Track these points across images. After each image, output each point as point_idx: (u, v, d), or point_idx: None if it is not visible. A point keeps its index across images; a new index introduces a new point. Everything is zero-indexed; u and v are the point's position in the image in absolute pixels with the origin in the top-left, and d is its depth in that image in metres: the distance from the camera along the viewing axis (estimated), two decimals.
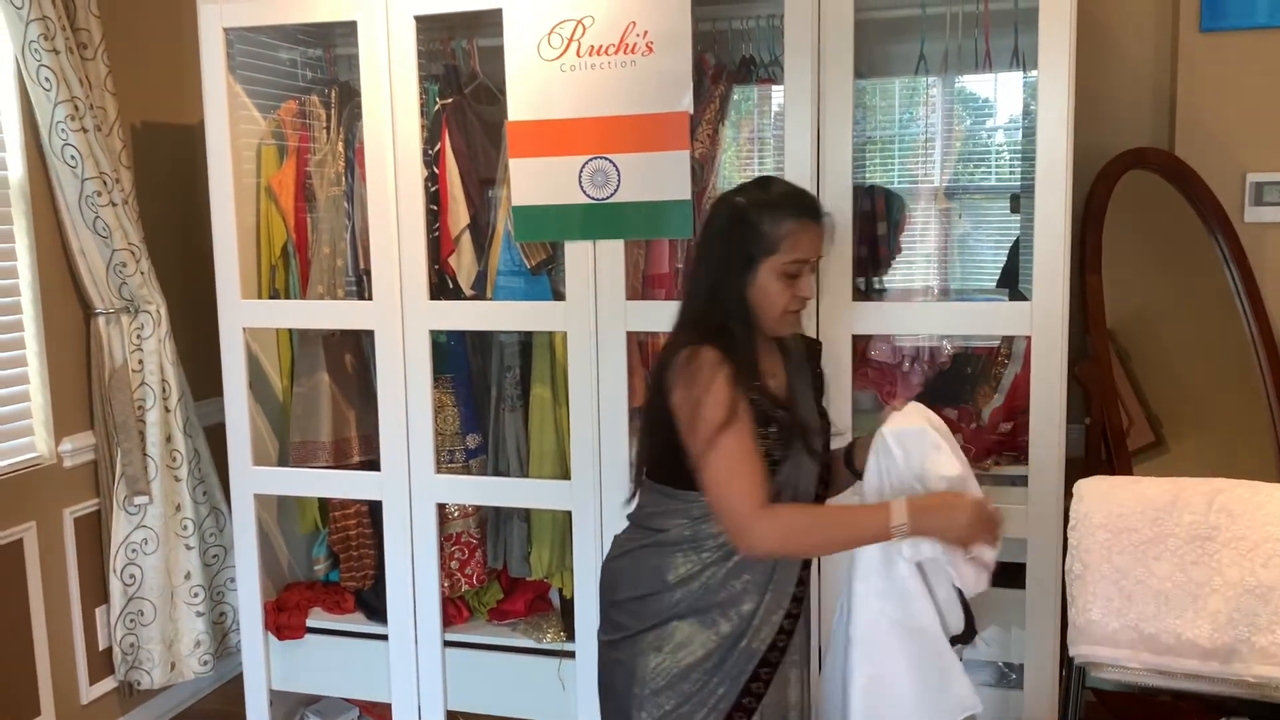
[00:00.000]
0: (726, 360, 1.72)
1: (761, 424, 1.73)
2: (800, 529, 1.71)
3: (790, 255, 1.75)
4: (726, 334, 1.75)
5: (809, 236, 1.77)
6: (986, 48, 2.60)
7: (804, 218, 1.77)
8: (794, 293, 1.77)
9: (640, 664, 1.82)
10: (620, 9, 2.42)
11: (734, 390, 1.70)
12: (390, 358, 2.71)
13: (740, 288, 1.77)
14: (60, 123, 2.75)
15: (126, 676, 3.08)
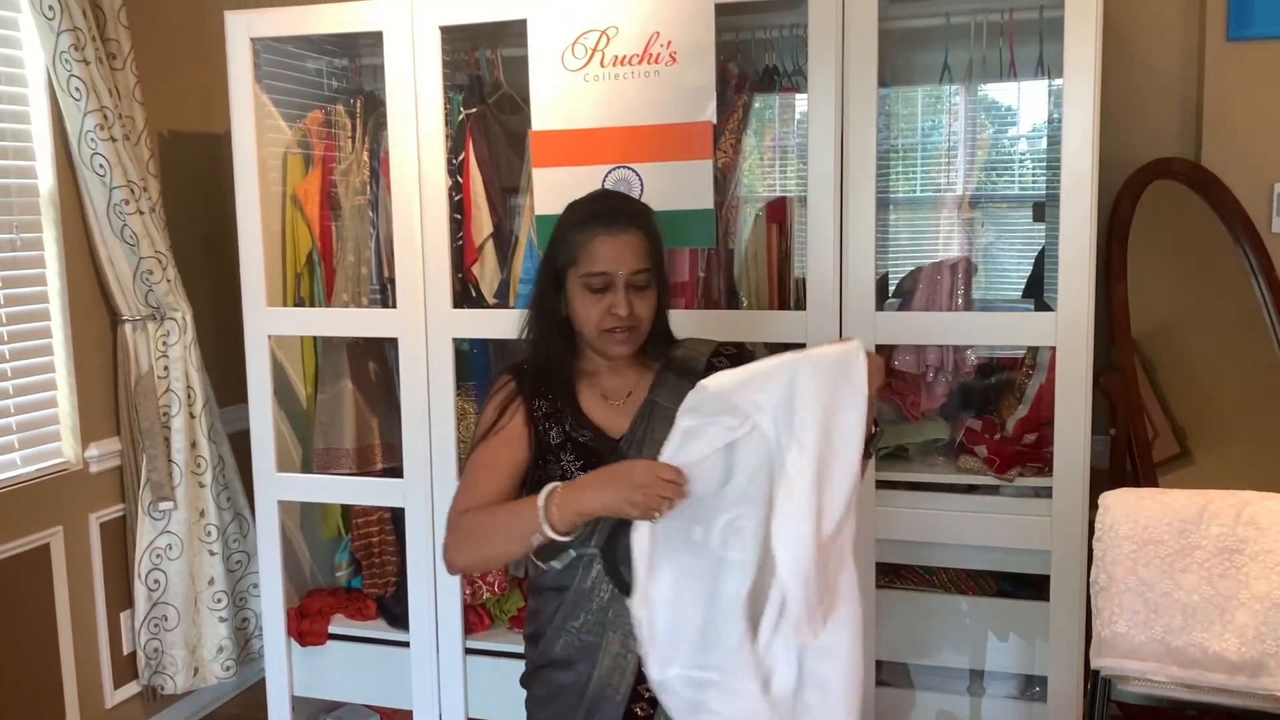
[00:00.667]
0: (515, 381, 1.73)
1: (558, 448, 1.67)
2: (470, 532, 1.61)
3: (587, 267, 1.66)
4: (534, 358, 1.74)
5: (609, 248, 1.65)
6: (1011, 57, 2.60)
7: (602, 228, 1.66)
8: (605, 308, 1.66)
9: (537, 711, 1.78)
10: (644, 20, 2.43)
11: (502, 410, 1.71)
12: (413, 365, 2.72)
13: (558, 303, 1.72)
14: (89, 132, 2.78)
15: (150, 681, 3.10)
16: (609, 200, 1.77)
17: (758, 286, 2.67)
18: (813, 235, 2.41)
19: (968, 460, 2.50)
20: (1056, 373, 2.30)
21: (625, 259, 1.66)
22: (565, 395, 1.73)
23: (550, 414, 1.71)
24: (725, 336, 2.42)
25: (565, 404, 1.72)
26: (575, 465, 1.67)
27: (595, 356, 1.75)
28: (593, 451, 1.68)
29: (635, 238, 1.68)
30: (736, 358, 1.78)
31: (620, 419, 1.72)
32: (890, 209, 2.87)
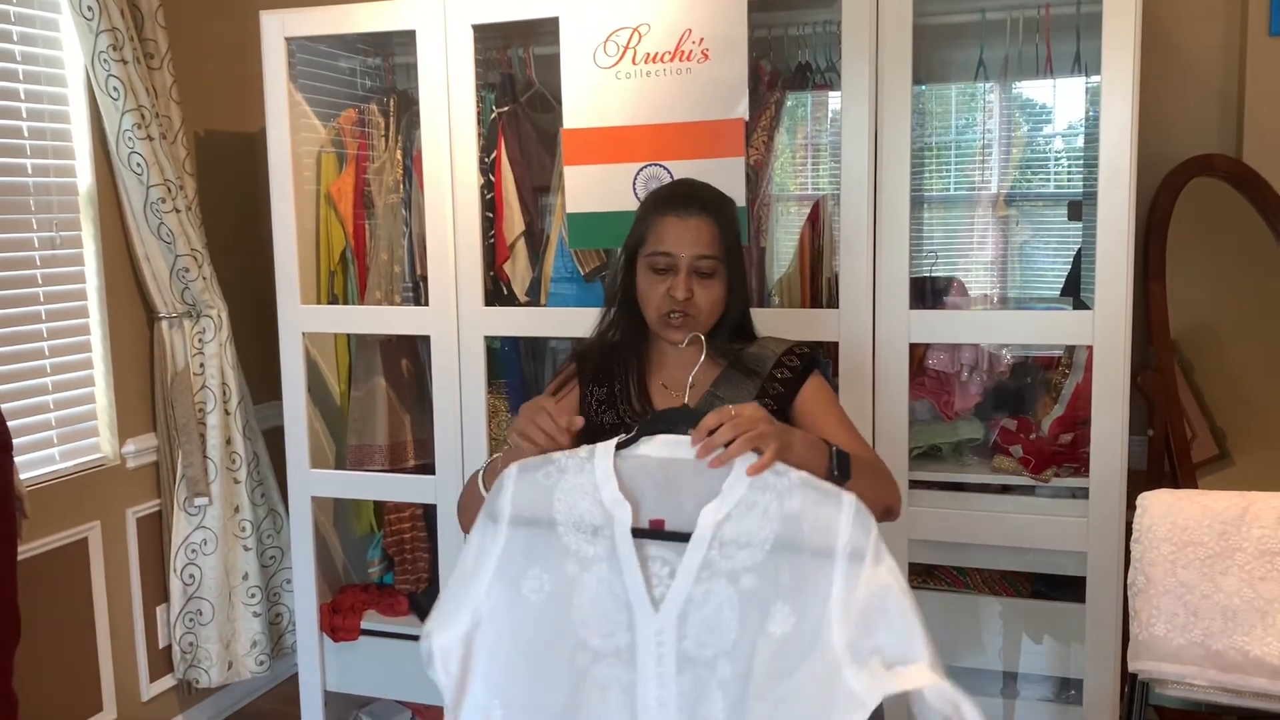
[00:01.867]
0: (578, 366, 1.79)
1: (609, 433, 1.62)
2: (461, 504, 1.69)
3: (652, 246, 1.68)
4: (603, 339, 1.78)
5: (674, 229, 1.66)
6: (1048, 53, 2.57)
7: (669, 209, 1.68)
8: (665, 290, 1.66)
9: None
10: (676, 17, 2.42)
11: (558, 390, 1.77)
12: (446, 363, 2.73)
13: (631, 287, 1.74)
14: (127, 131, 2.81)
15: (185, 675, 3.13)
16: (685, 185, 1.77)
17: (790, 284, 2.66)
18: (846, 234, 2.40)
19: (1002, 460, 2.47)
20: (1094, 372, 2.28)
21: (689, 242, 1.65)
22: (625, 380, 1.74)
23: (607, 400, 1.73)
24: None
25: (623, 389, 1.72)
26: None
27: (666, 345, 1.74)
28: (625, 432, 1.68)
29: (704, 223, 1.67)
30: (807, 357, 1.77)
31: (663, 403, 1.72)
32: (924, 207, 2.85)
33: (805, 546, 1.26)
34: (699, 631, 1.27)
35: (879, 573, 1.24)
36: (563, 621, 1.31)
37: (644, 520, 1.32)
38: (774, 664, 1.25)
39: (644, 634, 1.28)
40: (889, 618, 1.22)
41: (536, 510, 1.34)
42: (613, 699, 1.29)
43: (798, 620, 1.24)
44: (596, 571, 1.31)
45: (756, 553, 1.27)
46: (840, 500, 1.27)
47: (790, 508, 1.28)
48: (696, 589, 1.28)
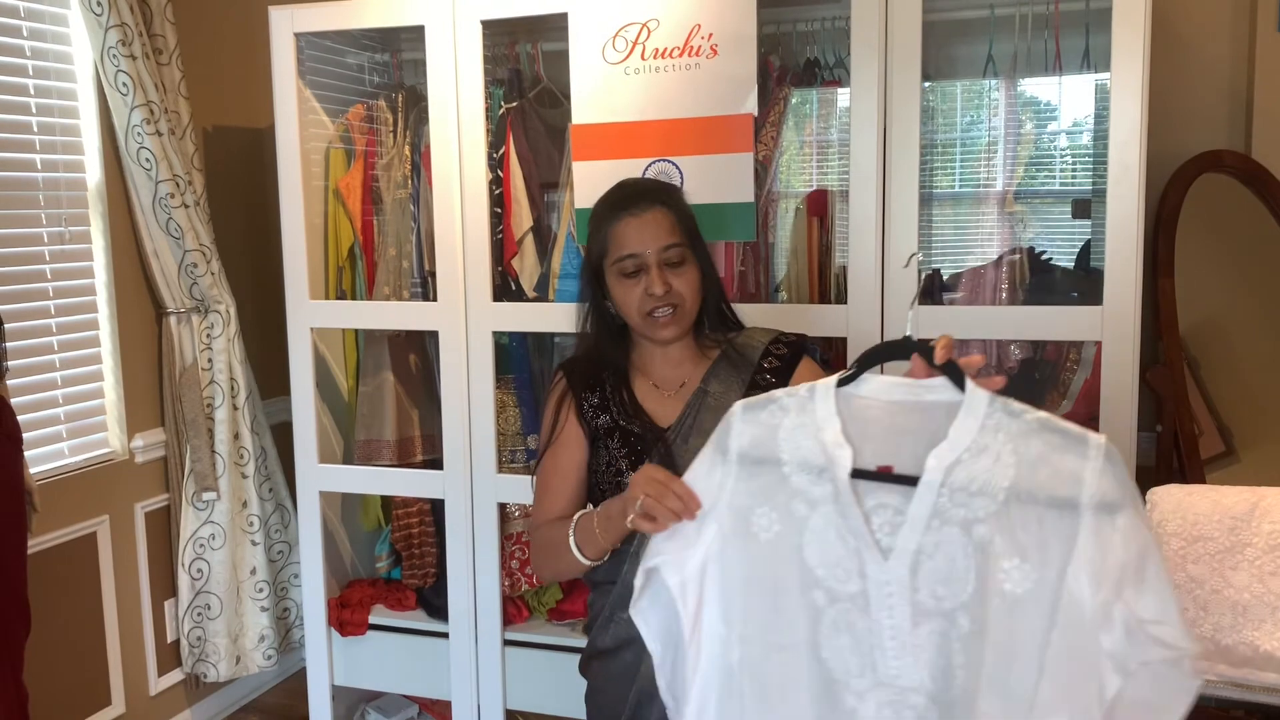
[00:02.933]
0: (565, 378, 1.76)
1: (606, 435, 1.69)
2: (538, 546, 1.69)
3: (617, 252, 1.66)
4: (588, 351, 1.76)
5: (633, 229, 1.65)
6: (1056, 49, 2.57)
7: (621, 211, 1.66)
8: (643, 291, 1.64)
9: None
10: (685, 12, 2.43)
11: (557, 413, 1.74)
12: (454, 358, 2.74)
13: (603, 298, 1.73)
14: (136, 126, 2.82)
15: (193, 669, 3.14)
16: (629, 185, 1.75)
17: (798, 280, 2.66)
18: (854, 229, 2.40)
19: None
20: (1103, 367, 2.27)
21: (651, 236, 1.65)
22: (616, 385, 1.73)
23: (600, 404, 1.73)
24: None
25: (615, 393, 1.73)
26: (621, 452, 1.68)
27: (650, 347, 1.74)
28: (639, 439, 1.68)
29: (659, 214, 1.66)
30: (795, 345, 1.76)
31: (671, 408, 1.71)
32: (932, 204, 2.85)
33: (1044, 497, 1.15)
34: (932, 583, 1.20)
35: (1136, 528, 1.12)
36: (796, 560, 1.27)
37: (867, 464, 1.24)
38: (1012, 625, 1.16)
39: (874, 582, 1.22)
40: (1147, 579, 1.12)
41: (763, 449, 1.30)
42: (850, 641, 1.25)
43: (1038, 579, 1.15)
44: (824, 513, 1.25)
45: (990, 502, 1.17)
46: (1086, 444, 1.15)
47: (1027, 452, 1.17)
48: (927, 538, 1.19)
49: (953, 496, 1.18)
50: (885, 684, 1.23)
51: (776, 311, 2.58)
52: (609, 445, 1.69)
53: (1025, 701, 1.16)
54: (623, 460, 1.67)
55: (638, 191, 1.71)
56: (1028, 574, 1.15)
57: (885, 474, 1.22)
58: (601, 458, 1.70)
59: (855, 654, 1.24)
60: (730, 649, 1.31)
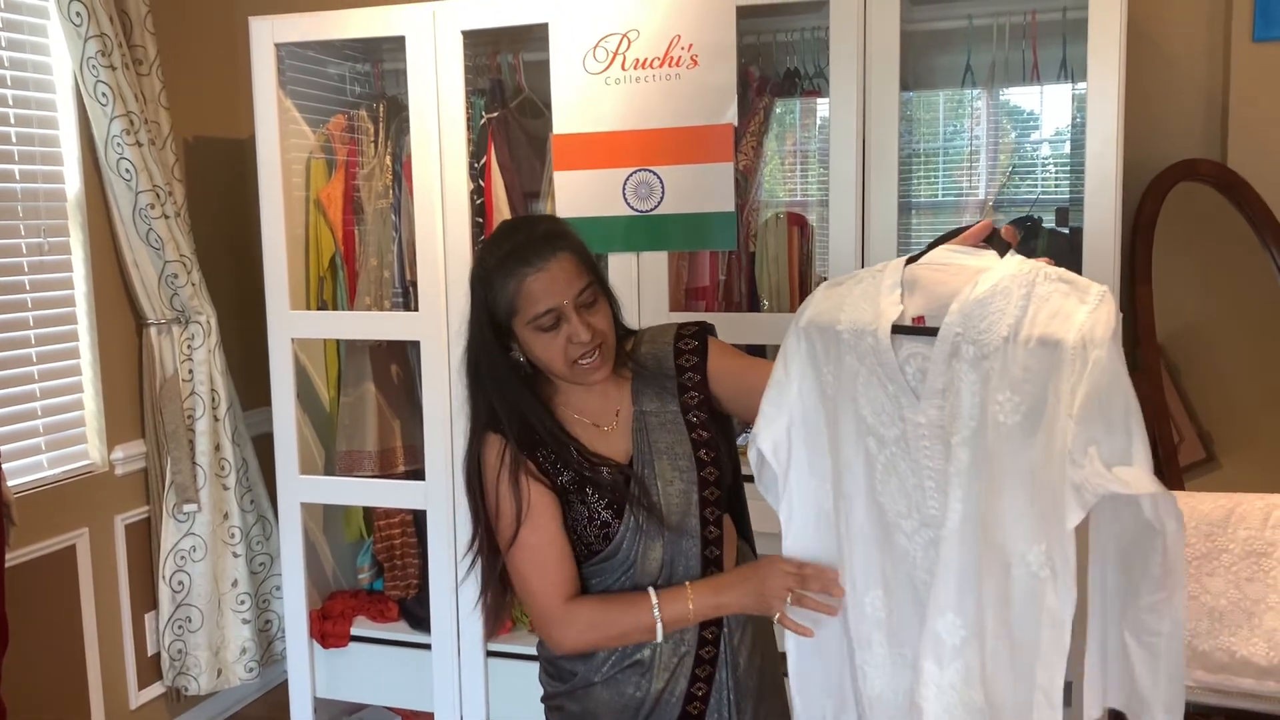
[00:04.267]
0: (505, 444, 1.61)
1: (578, 489, 1.61)
2: (589, 628, 1.59)
3: (531, 310, 1.55)
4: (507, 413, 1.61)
5: (542, 284, 1.54)
6: (1034, 59, 2.59)
7: (527, 266, 1.54)
8: (565, 340, 1.56)
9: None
10: (665, 23, 2.44)
11: (517, 481, 1.60)
12: (436, 368, 2.73)
13: (511, 357, 1.62)
14: (116, 137, 2.81)
15: (174, 682, 3.12)
16: (519, 233, 1.61)
17: (778, 288, 2.67)
18: (834, 239, 2.41)
19: None
20: None
21: (564, 286, 1.55)
22: (559, 439, 1.64)
23: (557, 457, 1.62)
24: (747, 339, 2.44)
25: (562, 446, 1.63)
26: (601, 504, 1.61)
27: (569, 389, 1.67)
28: (612, 486, 1.62)
29: (564, 260, 1.56)
30: (699, 335, 1.73)
31: (620, 441, 1.66)
32: (912, 213, 2.86)
33: (1039, 335, 1.21)
34: (950, 419, 1.29)
35: (1109, 363, 1.16)
36: (852, 411, 1.39)
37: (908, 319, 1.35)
38: (1005, 454, 1.24)
39: (911, 424, 1.33)
40: (1112, 414, 1.16)
41: (828, 316, 1.43)
42: (898, 483, 1.36)
43: (1026, 410, 1.22)
44: (869, 365, 1.36)
45: (995, 339, 1.24)
46: (1088, 291, 1.21)
47: (1036, 297, 1.23)
48: (945, 377, 1.29)
49: (967, 336, 1.27)
50: (928, 524, 1.34)
51: (759, 320, 2.59)
52: (584, 499, 1.61)
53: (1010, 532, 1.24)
54: (605, 511, 1.61)
55: (533, 240, 1.57)
56: (1017, 405, 1.23)
57: (917, 326, 1.34)
58: (580, 514, 1.61)
59: (903, 495, 1.36)
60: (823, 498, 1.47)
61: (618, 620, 1.58)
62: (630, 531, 1.60)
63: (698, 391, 1.67)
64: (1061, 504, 1.18)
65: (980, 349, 1.25)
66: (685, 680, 1.64)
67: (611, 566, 1.63)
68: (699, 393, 1.67)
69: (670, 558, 1.62)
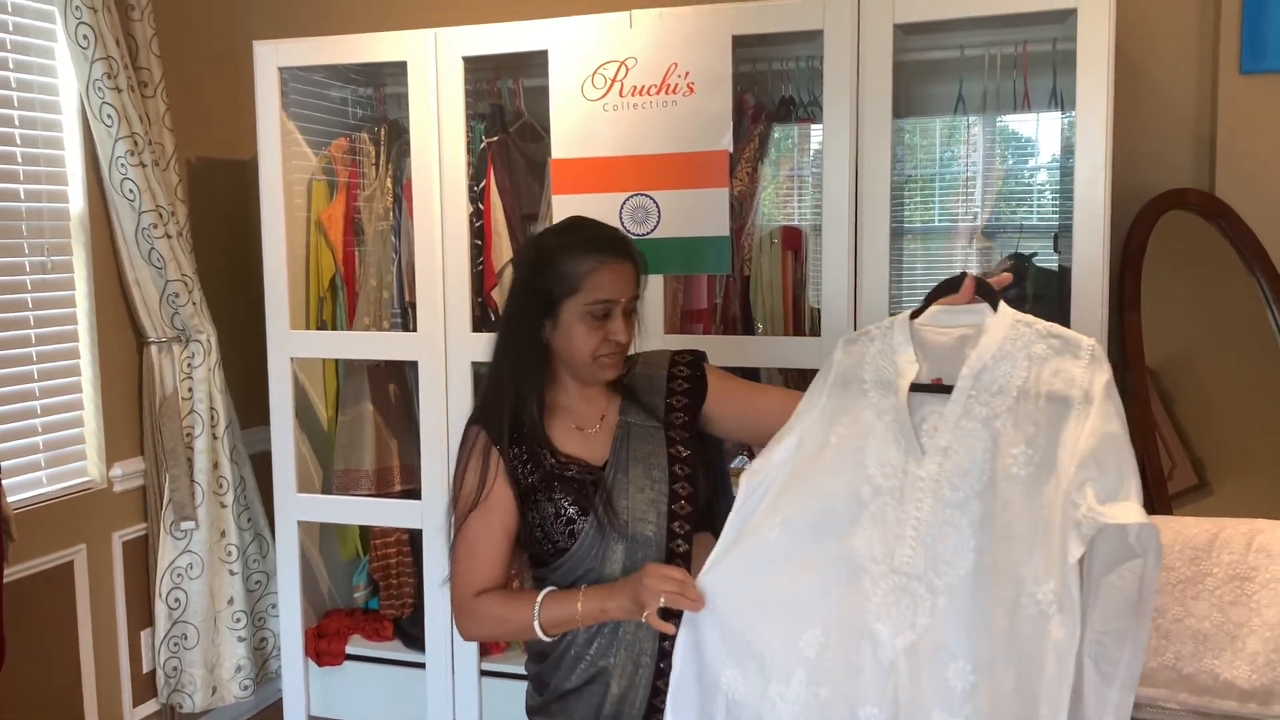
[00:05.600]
0: (485, 434, 1.69)
1: (546, 487, 1.67)
2: (485, 620, 1.68)
3: (593, 295, 1.65)
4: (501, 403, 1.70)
5: (614, 275, 1.66)
6: (1025, 88, 2.63)
7: (608, 256, 1.66)
8: (604, 335, 1.66)
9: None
10: (662, 51, 2.48)
11: (484, 472, 1.68)
12: (433, 388, 2.76)
13: (541, 335, 1.69)
14: (120, 158, 2.85)
15: (169, 699, 3.13)
16: (597, 228, 1.73)
17: (773, 313, 2.70)
18: (827, 264, 2.44)
19: None
20: None
21: (625, 286, 1.67)
22: (539, 437, 1.70)
23: (529, 458, 1.69)
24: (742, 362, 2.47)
25: (541, 444, 1.70)
26: (567, 501, 1.67)
27: (571, 387, 1.74)
28: (580, 485, 1.68)
29: (630, 266, 1.69)
30: (693, 364, 1.82)
31: (598, 446, 1.73)
32: (905, 238, 2.90)
33: (1046, 392, 1.37)
34: (953, 475, 1.42)
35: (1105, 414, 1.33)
36: (856, 460, 1.50)
37: (924, 379, 1.49)
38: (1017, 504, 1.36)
39: (911, 478, 1.45)
40: (1105, 458, 1.31)
41: (852, 372, 1.57)
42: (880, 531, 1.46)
43: (1039, 462, 1.35)
44: (886, 420, 1.49)
45: (1007, 398, 1.39)
46: (1080, 347, 1.39)
47: (1036, 355, 1.40)
48: (955, 436, 1.42)
49: (979, 398, 1.41)
50: (897, 571, 1.44)
51: (754, 344, 2.62)
52: (552, 496, 1.67)
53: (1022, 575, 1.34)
54: (571, 508, 1.67)
55: (613, 238, 1.71)
56: (1030, 458, 1.36)
57: (936, 385, 1.48)
58: (546, 510, 1.68)
59: (882, 543, 1.46)
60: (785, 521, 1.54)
61: (508, 618, 1.66)
62: (593, 530, 1.66)
63: (684, 413, 1.76)
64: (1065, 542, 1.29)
65: (991, 409, 1.40)
66: (645, 690, 1.69)
67: (573, 567, 1.68)
68: (685, 414, 1.76)
69: (631, 564, 1.66)
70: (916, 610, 1.42)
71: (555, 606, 1.63)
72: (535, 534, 1.69)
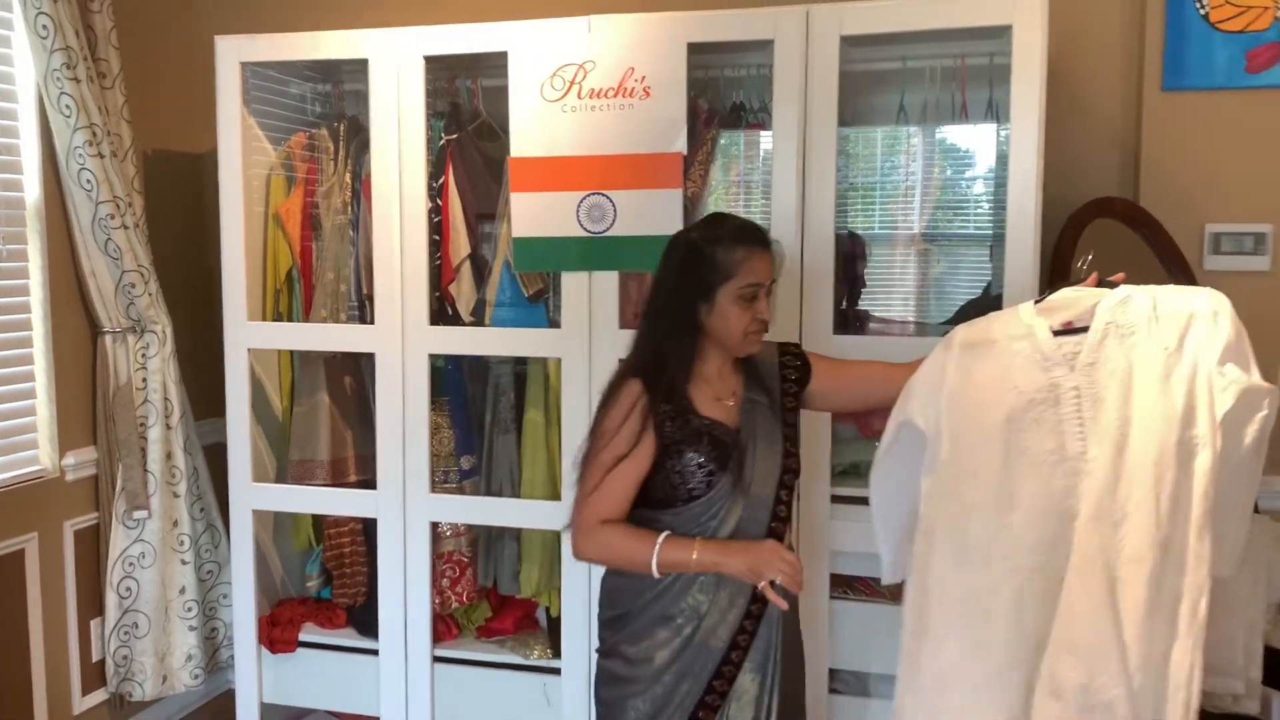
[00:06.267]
0: (646, 394, 1.93)
1: (692, 440, 1.93)
2: (604, 548, 1.95)
3: (745, 280, 1.93)
4: (661, 366, 1.95)
5: (760, 262, 1.95)
6: (963, 100, 2.76)
7: (754, 245, 1.95)
8: (753, 314, 1.95)
9: (621, 673, 2.01)
10: (620, 55, 2.57)
11: (640, 420, 1.92)
12: (390, 380, 2.82)
13: (698, 317, 1.95)
14: (78, 148, 2.86)
15: (118, 688, 3.14)
16: (739, 221, 2.01)
17: None
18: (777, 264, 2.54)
19: None
20: None
21: (768, 271, 1.97)
22: (686, 399, 1.97)
23: (676, 414, 1.95)
24: None
25: (687, 405, 1.96)
26: (712, 454, 1.94)
27: (715, 360, 2.02)
28: (721, 442, 1.96)
29: (770, 253, 1.99)
30: (798, 353, 2.12)
31: (732, 415, 2.01)
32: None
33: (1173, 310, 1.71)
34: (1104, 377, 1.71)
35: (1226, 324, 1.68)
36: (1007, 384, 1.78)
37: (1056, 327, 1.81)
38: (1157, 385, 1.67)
39: (1063, 387, 1.73)
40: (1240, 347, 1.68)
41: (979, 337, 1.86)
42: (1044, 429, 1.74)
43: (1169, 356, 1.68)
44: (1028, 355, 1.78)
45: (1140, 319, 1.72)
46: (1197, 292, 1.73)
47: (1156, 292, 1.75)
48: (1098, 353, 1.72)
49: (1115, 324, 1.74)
50: (1070, 459, 1.71)
51: None
52: (698, 448, 1.94)
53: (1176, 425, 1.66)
54: (712, 462, 1.94)
55: (755, 231, 2.00)
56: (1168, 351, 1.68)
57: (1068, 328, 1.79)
58: (689, 459, 1.94)
59: (1053, 436, 1.73)
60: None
61: (628, 548, 1.92)
62: (727, 483, 1.94)
63: (793, 398, 2.07)
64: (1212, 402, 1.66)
65: (1127, 329, 1.72)
66: (731, 629, 1.95)
67: (698, 512, 1.94)
68: (794, 398, 2.07)
69: (745, 520, 1.95)
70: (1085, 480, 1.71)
71: (673, 550, 1.89)
72: (672, 479, 1.95)
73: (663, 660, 1.96)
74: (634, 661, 1.99)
